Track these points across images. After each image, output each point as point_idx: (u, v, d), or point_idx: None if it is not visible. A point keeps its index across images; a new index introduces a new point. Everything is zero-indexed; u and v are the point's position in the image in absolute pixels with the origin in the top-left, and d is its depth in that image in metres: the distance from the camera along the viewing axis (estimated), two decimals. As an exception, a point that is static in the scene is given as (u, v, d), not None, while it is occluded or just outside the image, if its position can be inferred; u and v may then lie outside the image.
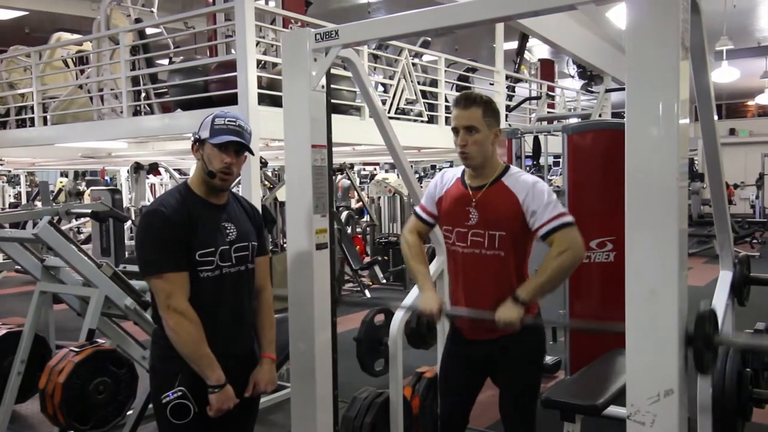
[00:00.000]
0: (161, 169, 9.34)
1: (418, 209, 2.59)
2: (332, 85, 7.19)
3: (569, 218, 2.27)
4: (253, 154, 2.24)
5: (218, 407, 2.04)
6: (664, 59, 1.74)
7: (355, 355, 3.10)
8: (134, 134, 7.39)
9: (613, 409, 3.56)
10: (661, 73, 1.75)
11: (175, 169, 9.47)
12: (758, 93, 18.08)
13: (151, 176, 9.03)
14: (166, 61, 8.37)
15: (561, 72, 15.22)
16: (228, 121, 2.10)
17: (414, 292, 3.04)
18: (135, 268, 3.73)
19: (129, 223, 7.81)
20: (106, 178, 14.05)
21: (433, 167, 17.03)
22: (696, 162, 16.62)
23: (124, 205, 8.39)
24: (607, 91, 5.81)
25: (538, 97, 8.84)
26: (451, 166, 16.11)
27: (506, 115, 11.83)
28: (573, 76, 15.58)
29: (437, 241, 3.34)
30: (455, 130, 2.36)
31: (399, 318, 3.13)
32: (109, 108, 7.50)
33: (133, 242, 9.01)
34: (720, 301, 2.63)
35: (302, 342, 2.54)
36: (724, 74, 12.87)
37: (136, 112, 7.40)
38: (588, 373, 3.45)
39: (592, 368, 3.52)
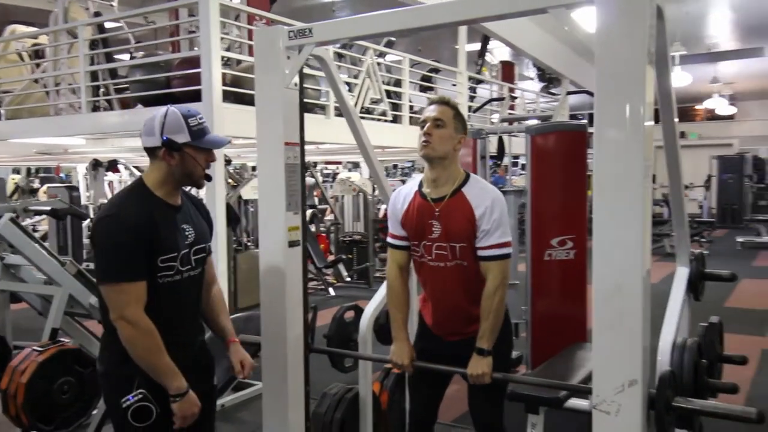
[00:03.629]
0: (120, 167, 9.16)
1: (389, 239, 2.59)
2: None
3: (509, 249, 2.37)
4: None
5: (182, 415, 1.99)
6: (632, 63, 1.81)
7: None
8: (93, 130, 7.24)
9: (575, 402, 3.67)
10: (629, 77, 1.82)
11: (134, 167, 9.29)
12: (707, 98, 18.70)
13: (109, 173, 8.84)
14: (125, 56, 8.21)
15: (521, 74, 15.45)
16: (200, 119, 2.05)
17: (381, 292, 3.08)
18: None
19: (87, 220, 7.64)
20: (62, 175, 13.70)
21: (395, 166, 17.12)
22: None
23: (82, 203, 8.19)
24: (569, 93, 5.92)
25: (501, 99, 8.95)
26: (412, 167, 16.25)
27: (469, 116, 11.95)
28: (533, 79, 15.88)
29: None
30: (423, 123, 2.39)
31: (369, 314, 3.16)
32: (67, 103, 7.34)
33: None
34: (677, 296, 2.73)
35: (274, 339, 2.54)
36: (677, 79, 13.28)
37: (95, 108, 7.25)
38: (550, 367, 3.54)
39: (553, 362, 3.62)
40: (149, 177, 2.07)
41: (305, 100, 7.98)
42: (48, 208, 4.29)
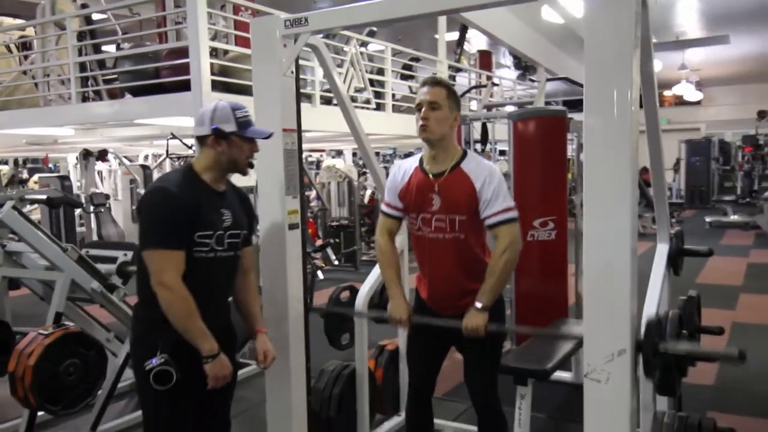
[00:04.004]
0: (110, 156, 9.07)
1: (384, 207, 2.62)
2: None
3: (514, 213, 2.39)
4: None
5: (215, 375, 2.06)
6: (620, 50, 1.84)
7: (323, 330, 3.14)
8: (83, 120, 7.14)
9: (558, 374, 3.75)
10: (616, 63, 1.85)
11: (124, 156, 9.20)
12: (675, 84, 18.89)
13: (99, 163, 8.74)
14: (112, 47, 8.09)
15: (498, 62, 15.49)
16: (245, 113, 2.17)
17: (374, 273, 3.12)
18: (98, 252, 3.67)
19: (79, 209, 7.57)
20: (50, 165, 13.51)
21: (377, 154, 17.10)
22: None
23: (74, 192, 8.10)
24: (548, 80, 5.96)
25: (483, 86, 8.99)
26: (393, 154, 16.25)
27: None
28: (509, 67, 15.92)
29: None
30: (419, 107, 2.41)
31: (364, 294, 3.18)
32: (57, 94, 7.23)
33: (83, 228, 8.74)
34: (658, 270, 2.79)
35: (277, 318, 2.57)
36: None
37: (84, 98, 7.15)
38: (535, 342, 3.59)
39: (536, 339, 3.68)
40: (198, 162, 2.18)
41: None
42: (44, 197, 4.23)
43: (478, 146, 6.04)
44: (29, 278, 3.62)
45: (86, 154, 7.97)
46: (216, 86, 6.35)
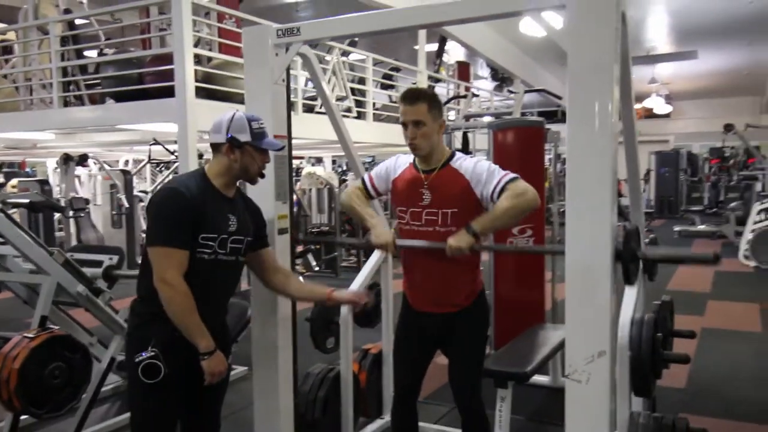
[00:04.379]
0: (90, 161, 8.97)
1: (365, 178, 2.67)
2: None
3: (513, 174, 2.42)
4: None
5: (211, 371, 2.09)
6: (601, 64, 1.90)
7: (308, 333, 3.16)
8: (65, 125, 7.08)
9: (536, 378, 3.81)
10: (598, 76, 1.91)
11: (103, 161, 9.11)
12: (646, 97, 19.27)
13: (78, 167, 8.64)
14: (95, 52, 8.03)
15: (475, 74, 15.65)
16: (260, 124, 2.21)
17: (359, 279, 3.15)
18: (83, 256, 3.64)
19: (59, 214, 7.48)
20: (27, 169, 13.31)
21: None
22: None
23: (54, 196, 8.00)
24: (526, 91, 6.07)
25: (462, 96, 9.09)
26: (373, 161, 16.29)
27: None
28: (486, 78, 16.10)
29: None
30: (404, 125, 2.44)
31: (349, 298, 3.21)
32: (38, 98, 7.15)
33: (62, 233, 8.62)
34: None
35: (265, 322, 2.58)
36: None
37: (66, 103, 7.08)
38: (514, 346, 3.66)
39: (516, 342, 3.74)
40: (211, 168, 2.23)
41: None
42: (27, 200, 4.20)
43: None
44: (13, 281, 3.58)
45: (66, 159, 7.87)
46: (200, 93, 6.34)
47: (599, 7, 1.91)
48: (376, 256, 3.33)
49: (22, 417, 3.16)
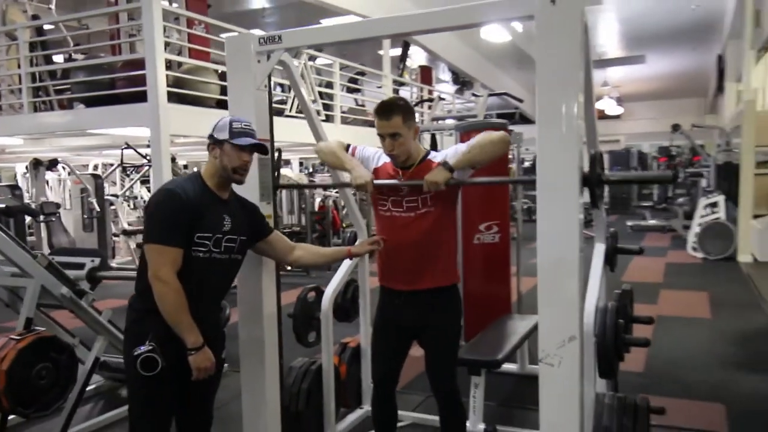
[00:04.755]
0: (59, 166, 8.80)
1: (349, 145, 2.72)
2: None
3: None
4: (266, 154, 2.35)
5: (197, 367, 2.12)
6: (568, 70, 2.00)
7: (291, 329, 3.20)
8: (35, 130, 6.95)
9: (506, 366, 3.92)
10: (565, 81, 2.01)
11: (73, 165, 8.95)
12: (598, 99, 19.75)
13: (49, 172, 8.47)
14: (62, 57, 7.87)
15: (437, 77, 15.82)
16: (244, 125, 2.24)
17: (337, 276, 3.21)
18: (64, 258, 3.61)
19: (30, 218, 7.32)
20: (-7, 174, 12.95)
21: (322, 163, 17.10)
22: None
23: (24, 201, 7.82)
24: (490, 95, 6.20)
25: (428, 100, 9.20)
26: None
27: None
28: (447, 81, 16.30)
29: (359, 225, 3.51)
30: (381, 137, 2.51)
31: (329, 295, 3.27)
32: (7, 104, 7.00)
33: (33, 238, 8.44)
34: (597, 267, 2.99)
35: (251, 319, 2.62)
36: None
37: (35, 108, 6.95)
38: (485, 336, 3.77)
39: (487, 333, 3.85)
40: (204, 169, 2.29)
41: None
42: (2, 205, 4.13)
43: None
44: (-5, 285, 3.53)
45: (36, 164, 7.71)
46: (171, 97, 6.30)
47: (565, 19, 2.00)
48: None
49: (10, 417, 3.12)
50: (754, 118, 8.79)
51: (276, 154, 2.76)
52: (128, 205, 9.61)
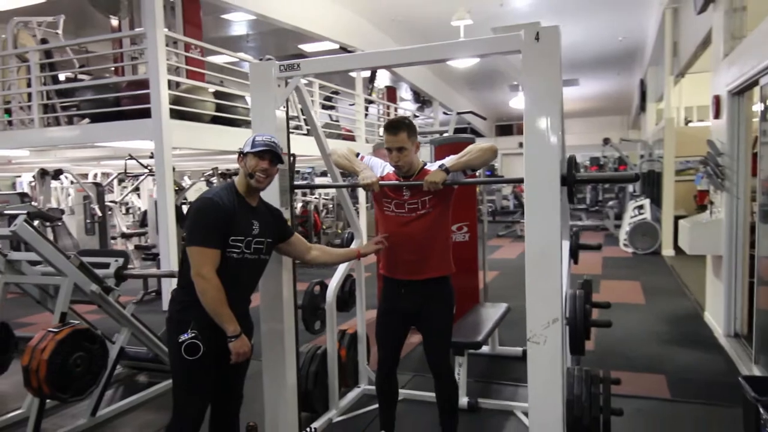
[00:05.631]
0: (62, 176, 8.59)
1: (359, 154, 2.81)
2: (228, 102, 7.20)
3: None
4: (282, 163, 2.36)
5: (236, 352, 2.17)
6: (550, 93, 2.12)
7: (300, 318, 3.24)
8: (44, 144, 6.80)
9: (483, 349, 4.03)
10: (548, 100, 2.13)
11: (78, 174, 8.74)
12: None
13: (53, 181, 8.26)
14: (64, 77, 7.70)
15: (400, 97, 15.97)
16: (265, 138, 2.28)
17: (339, 272, 3.26)
18: (89, 259, 3.57)
19: (37, 222, 7.11)
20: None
21: (298, 171, 17.04)
22: (496, 167, 18.24)
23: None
24: (458, 113, 6.35)
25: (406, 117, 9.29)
26: (311, 171, 16.28)
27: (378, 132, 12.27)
28: (409, 100, 16.46)
29: (356, 227, 3.59)
30: (389, 150, 2.60)
31: (333, 288, 3.34)
32: (18, 119, 6.82)
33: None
34: (565, 260, 3.13)
35: (273, 313, 2.65)
36: (522, 101, 14.20)
37: (47, 123, 6.80)
38: (464, 322, 3.88)
39: (465, 319, 3.97)
40: (237, 179, 2.33)
41: (235, 116, 7.95)
42: (25, 211, 4.04)
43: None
44: (27, 283, 3.48)
45: (43, 173, 7.52)
46: (172, 114, 6.27)
47: (546, 52, 2.13)
48: (354, 245, 3.46)
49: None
50: (674, 133, 9.19)
51: (291, 159, 2.80)
52: (121, 211, 9.45)
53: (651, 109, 13.24)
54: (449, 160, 2.57)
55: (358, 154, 2.81)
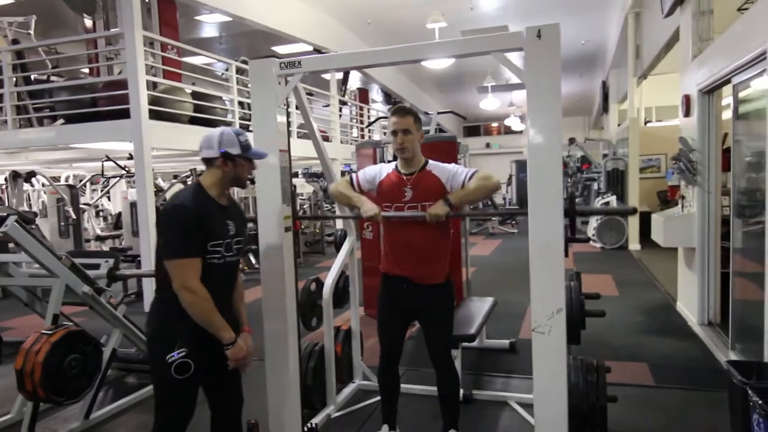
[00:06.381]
0: (33, 179, 8.28)
1: (353, 177, 2.77)
2: (209, 104, 7.12)
3: (475, 168, 2.63)
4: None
5: (234, 358, 2.06)
6: (551, 88, 2.15)
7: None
8: (18, 145, 6.54)
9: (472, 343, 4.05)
10: (549, 97, 2.16)
11: (44, 177, 8.46)
12: (505, 117, 20.53)
13: (26, 184, 7.96)
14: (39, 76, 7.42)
15: (372, 98, 15.96)
16: (246, 137, 2.16)
17: (333, 269, 3.21)
18: (79, 260, 3.46)
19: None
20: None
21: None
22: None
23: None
24: (439, 113, 6.37)
25: (386, 117, 9.30)
26: (296, 174, 16.16)
27: (362, 133, 12.21)
28: (380, 101, 16.46)
29: (349, 227, 3.57)
30: (394, 133, 2.60)
31: (329, 285, 3.31)
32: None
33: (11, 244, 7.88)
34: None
35: (276, 308, 2.61)
36: (490, 103, 14.40)
37: (20, 125, 6.54)
38: (455, 316, 3.89)
39: (456, 313, 3.98)
40: (205, 180, 2.14)
41: (215, 117, 7.81)
42: (4, 214, 3.88)
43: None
44: (15, 285, 3.34)
45: (15, 176, 7.25)
46: (150, 115, 6.13)
47: (548, 49, 2.16)
48: (344, 251, 3.45)
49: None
50: (638, 132, 9.44)
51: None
52: (93, 214, 9.18)
53: (613, 109, 13.56)
54: (455, 196, 2.54)
55: (352, 180, 2.76)
